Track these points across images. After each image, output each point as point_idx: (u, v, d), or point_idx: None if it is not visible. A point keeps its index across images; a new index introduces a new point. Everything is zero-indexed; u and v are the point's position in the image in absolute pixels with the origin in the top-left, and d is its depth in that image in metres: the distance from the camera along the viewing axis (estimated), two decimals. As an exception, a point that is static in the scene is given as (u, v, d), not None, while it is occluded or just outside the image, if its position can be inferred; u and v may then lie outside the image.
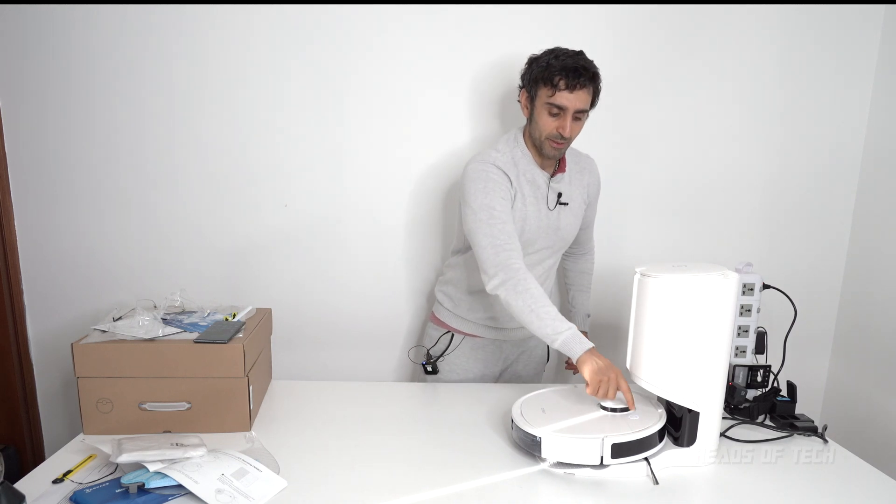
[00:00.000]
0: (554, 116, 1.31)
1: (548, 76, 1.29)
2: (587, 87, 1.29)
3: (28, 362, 1.87)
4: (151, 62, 1.72)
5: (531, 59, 1.36)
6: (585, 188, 1.52)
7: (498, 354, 1.61)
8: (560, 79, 1.27)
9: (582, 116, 1.34)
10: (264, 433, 1.26)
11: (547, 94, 1.30)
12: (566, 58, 1.29)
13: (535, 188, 1.40)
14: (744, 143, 1.88)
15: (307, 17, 1.71)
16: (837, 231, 1.96)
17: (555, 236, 1.46)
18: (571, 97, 1.28)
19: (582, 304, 1.75)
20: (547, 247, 1.47)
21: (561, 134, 1.32)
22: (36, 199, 1.79)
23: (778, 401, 1.34)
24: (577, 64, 1.28)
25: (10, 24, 1.67)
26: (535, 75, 1.32)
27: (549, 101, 1.30)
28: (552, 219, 1.44)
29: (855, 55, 1.84)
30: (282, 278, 1.88)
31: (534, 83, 1.33)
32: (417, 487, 1.04)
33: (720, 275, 1.08)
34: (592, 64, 1.32)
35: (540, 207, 1.41)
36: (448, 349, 1.58)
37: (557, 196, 1.44)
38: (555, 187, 1.44)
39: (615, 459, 1.06)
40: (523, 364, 1.65)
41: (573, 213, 1.48)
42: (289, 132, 1.79)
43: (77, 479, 1.05)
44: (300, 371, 1.91)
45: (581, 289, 1.75)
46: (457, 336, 1.59)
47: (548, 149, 1.36)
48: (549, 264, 1.53)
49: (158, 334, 1.27)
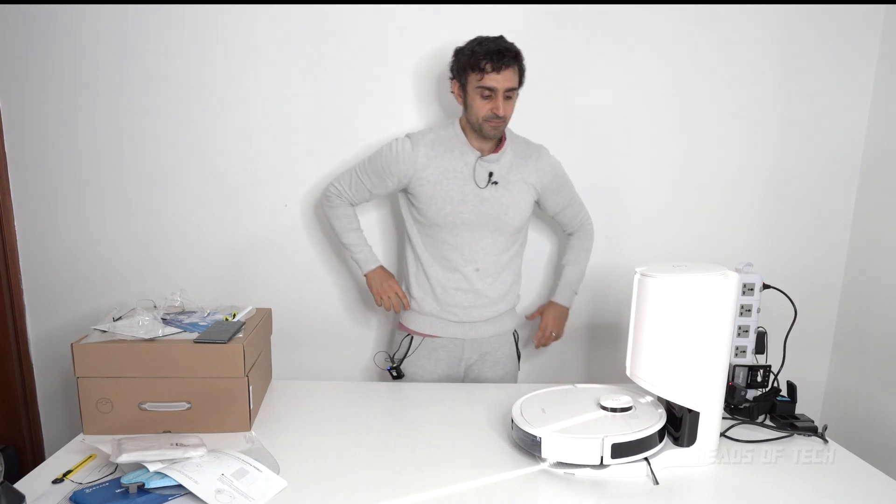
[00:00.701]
0: (486, 99, 1.41)
1: (474, 62, 1.39)
2: (512, 66, 1.40)
3: (28, 362, 1.88)
4: (151, 62, 1.72)
5: (457, 51, 1.45)
6: (534, 174, 1.56)
7: (458, 354, 1.62)
8: (486, 62, 1.38)
9: (512, 95, 1.44)
10: (264, 433, 1.26)
11: (476, 79, 1.40)
12: (489, 43, 1.39)
13: (464, 165, 1.49)
14: (744, 143, 1.88)
15: (307, 17, 1.71)
16: (837, 231, 1.96)
17: (490, 214, 1.51)
18: (499, 78, 1.39)
19: (567, 278, 1.72)
20: (482, 224, 1.52)
21: (496, 114, 1.41)
22: (36, 199, 1.79)
23: (778, 401, 1.34)
24: (500, 46, 1.38)
25: (11, 24, 1.67)
26: (463, 64, 1.42)
27: (480, 85, 1.40)
28: (484, 196, 1.50)
29: (855, 55, 1.84)
30: (282, 278, 1.88)
31: (462, 71, 1.43)
32: (417, 487, 1.04)
33: (720, 275, 1.08)
34: (513, 45, 1.42)
35: (467, 183, 1.49)
36: (409, 352, 1.62)
37: (489, 175, 1.50)
38: (485, 166, 1.50)
39: (615, 459, 1.06)
40: (489, 366, 1.64)
41: (511, 194, 1.52)
42: (289, 132, 1.79)
43: (77, 479, 1.05)
44: (300, 371, 1.91)
45: (569, 262, 1.73)
46: (416, 338, 1.62)
47: (487, 130, 1.45)
48: (489, 244, 1.54)
49: (158, 334, 1.27)
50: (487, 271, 1.56)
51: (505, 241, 1.56)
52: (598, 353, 2.00)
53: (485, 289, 1.56)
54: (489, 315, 1.60)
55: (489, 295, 1.58)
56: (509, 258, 1.59)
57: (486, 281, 1.56)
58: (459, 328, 1.60)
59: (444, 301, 1.57)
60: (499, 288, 1.59)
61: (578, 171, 1.87)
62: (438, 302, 1.58)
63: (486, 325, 1.62)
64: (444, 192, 1.48)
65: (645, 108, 1.84)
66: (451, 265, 1.55)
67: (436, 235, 1.54)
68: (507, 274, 1.60)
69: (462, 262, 1.54)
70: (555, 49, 1.78)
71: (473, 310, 1.58)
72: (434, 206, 1.49)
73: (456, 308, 1.57)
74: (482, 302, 1.58)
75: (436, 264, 1.56)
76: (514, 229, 1.56)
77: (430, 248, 1.56)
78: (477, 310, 1.58)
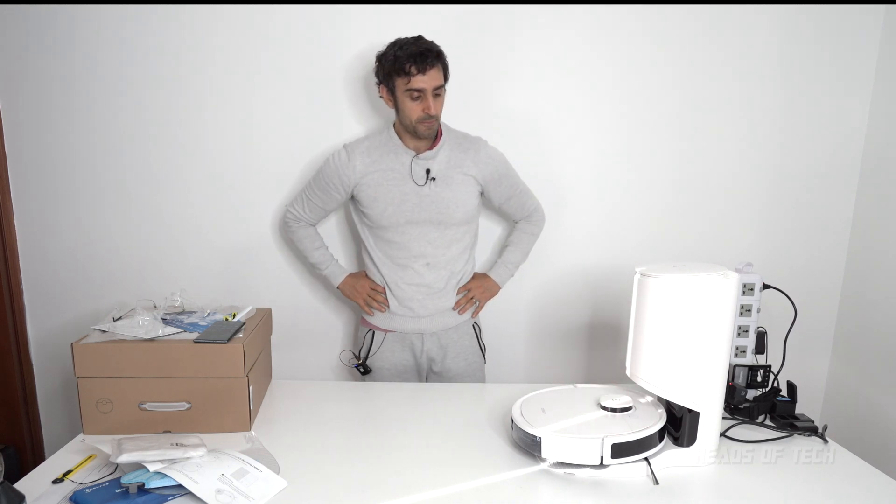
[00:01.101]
0: (416, 100, 1.44)
1: (399, 67, 1.41)
2: (436, 65, 1.43)
3: (28, 362, 1.88)
4: (151, 62, 1.72)
5: (379, 56, 1.48)
6: (474, 165, 1.58)
7: (419, 346, 1.66)
8: (410, 65, 1.40)
9: (441, 92, 1.47)
10: (264, 433, 1.26)
11: (403, 82, 1.43)
12: (409, 46, 1.42)
13: (401, 165, 1.53)
14: (744, 143, 1.88)
15: (308, 17, 1.71)
16: (837, 231, 1.96)
17: (433, 209, 1.55)
18: (426, 78, 1.42)
19: (506, 257, 1.75)
20: (427, 220, 1.56)
21: (427, 113, 1.45)
22: (36, 199, 1.79)
23: (778, 401, 1.34)
24: (422, 48, 1.41)
25: (11, 24, 1.67)
26: (388, 69, 1.44)
27: (408, 88, 1.43)
28: (424, 192, 1.54)
29: (855, 55, 1.84)
30: (282, 278, 1.88)
31: (388, 77, 1.46)
32: (417, 487, 1.04)
33: (720, 275, 1.08)
34: (433, 44, 1.45)
35: (405, 183, 1.53)
36: (372, 347, 1.67)
37: (426, 172, 1.53)
38: (422, 164, 1.54)
39: (615, 459, 1.06)
40: (452, 358, 1.68)
41: (451, 188, 1.55)
42: (289, 132, 1.79)
43: (77, 479, 1.05)
44: (300, 371, 1.91)
45: (511, 242, 1.76)
46: (378, 333, 1.67)
47: (422, 130, 1.48)
48: (436, 238, 1.58)
49: (158, 334, 1.27)
50: (438, 264, 1.60)
51: (453, 233, 1.60)
52: (598, 353, 2.00)
53: (436, 281, 1.61)
54: (443, 307, 1.64)
55: (441, 287, 1.62)
56: (460, 249, 1.63)
57: (437, 274, 1.61)
58: (416, 322, 1.64)
59: (399, 297, 1.62)
60: (449, 278, 1.63)
61: (578, 170, 1.88)
62: (395, 298, 1.62)
63: (442, 317, 1.65)
64: (385, 193, 1.53)
65: (645, 107, 1.84)
66: (402, 262, 1.60)
67: (384, 235, 1.59)
68: (457, 263, 1.63)
69: (411, 259, 1.59)
70: (559, 47, 1.78)
71: (428, 301, 1.62)
72: (377, 209, 1.54)
73: (411, 302, 1.62)
74: (435, 294, 1.62)
75: (388, 262, 1.61)
76: (461, 221, 1.59)
77: (382, 247, 1.61)
78: (431, 301, 1.62)
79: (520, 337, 1.98)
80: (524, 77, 1.80)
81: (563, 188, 1.86)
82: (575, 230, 1.89)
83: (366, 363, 1.68)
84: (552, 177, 1.85)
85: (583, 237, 1.92)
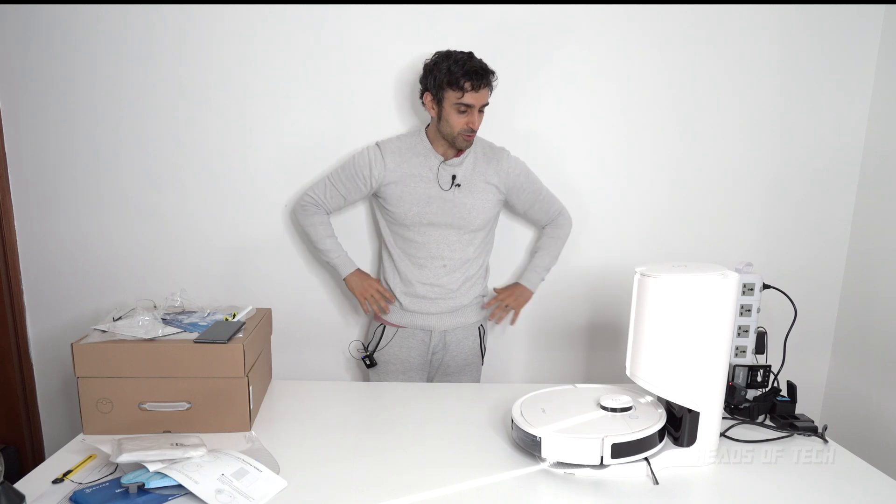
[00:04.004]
0: (462, 114, 1.51)
1: (453, 80, 1.47)
2: (489, 85, 1.51)
3: (28, 362, 1.88)
4: (151, 62, 1.72)
5: (429, 67, 1.52)
6: (496, 175, 1.64)
7: (426, 343, 1.71)
8: (466, 81, 1.47)
9: (484, 109, 1.54)
10: (264, 433, 1.26)
11: (455, 96, 1.49)
12: (465, 62, 1.47)
13: (429, 170, 1.59)
14: (744, 143, 1.88)
15: (307, 18, 1.71)
16: (837, 231, 1.96)
17: (455, 214, 1.60)
18: (477, 96, 1.49)
19: (536, 262, 1.79)
20: (448, 224, 1.61)
21: (471, 128, 1.52)
22: (36, 199, 1.79)
23: (778, 401, 1.34)
24: (477, 67, 1.48)
25: (11, 24, 1.67)
26: (441, 81, 1.49)
27: (459, 102, 1.49)
28: (448, 197, 1.59)
29: (855, 55, 1.84)
30: (282, 278, 1.88)
31: (440, 88, 1.50)
32: (417, 487, 1.04)
33: (720, 275, 1.08)
34: (486, 64, 1.51)
35: (431, 186, 1.59)
36: (381, 341, 1.71)
37: (452, 178, 1.58)
38: (448, 169, 1.60)
39: (615, 459, 1.06)
40: (451, 355, 1.73)
41: (473, 196, 1.61)
42: (289, 132, 1.79)
43: (77, 479, 1.05)
44: (300, 371, 1.91)
45: (540, 247, 1.81)
46: (388, 328, 1.71)
47: (461, 142, 1.55)
48: (454, 241, 1.63)
49: (158, 334, 1.27)
50: (453, 266, 1.65)
51: (470, 237, 1.65)
52: (598, 353, 2.01)
53: (450, 283, 1.66)
54: (454, 306, 1.69)
55: (455, 288, 1.67)
56: (475, 253, 1.68)
57: (452, 276, 1.66)
58: (427, 319, 1.69)
59: (413, 294, 1.66)
60: (463, 281, 1.68)
61: (578, 170, 1.88)
62: (409, 295, 1.67)
63: (451, 317, 1.70)
64: (411, 194, 1.58)
65: (645, 108, 1.84)
66: (420, 262, 1.65)
67: (404, 234, 1.64)
68: (472, 267, 1.68)
69: (429, 259, 1.64)
70: (555, 50, 1.78)
71: (440, 301, 1.67)
72: (402, 207, 1.59)
73: (424, 300, 1.66)
74: (447, 295, 1.67)
75: (406, 259, 1.66)
76: (478, 227, 1.65)
77: (401, 245, 1.66)
78: (443, 301, 1.67)
79: (520, 337, 1.98)
80: (524, 79, 1.80)
81: (563, 188, 1.86)
82: (575, 230, 1.89)
83: (372, 356, 1.72)
84: (552, 177, 1.84)
85: (583, 237, 1.92)
